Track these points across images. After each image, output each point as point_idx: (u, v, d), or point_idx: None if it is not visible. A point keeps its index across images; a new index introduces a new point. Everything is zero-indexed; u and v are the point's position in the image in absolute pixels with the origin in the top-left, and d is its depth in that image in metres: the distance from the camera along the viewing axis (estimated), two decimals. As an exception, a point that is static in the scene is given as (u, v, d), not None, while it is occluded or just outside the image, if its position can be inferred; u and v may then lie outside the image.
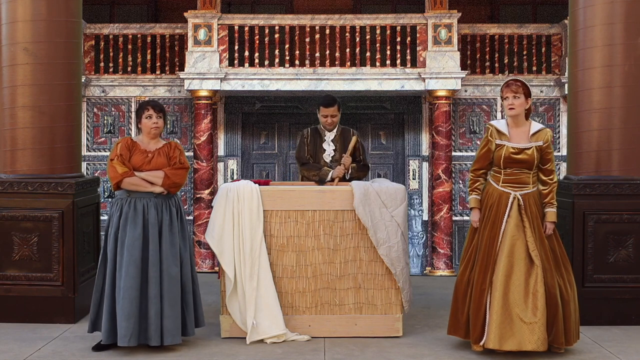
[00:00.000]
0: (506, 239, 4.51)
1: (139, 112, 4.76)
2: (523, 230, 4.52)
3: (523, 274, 4.44)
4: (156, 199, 4.67)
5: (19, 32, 5.47)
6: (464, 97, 13.83)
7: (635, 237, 5.38)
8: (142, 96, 13.78)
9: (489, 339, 4.42)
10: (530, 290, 4.43)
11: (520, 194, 4.58)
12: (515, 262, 4.46)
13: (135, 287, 4.51)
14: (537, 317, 4.37)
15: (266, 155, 14.55)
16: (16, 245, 5.41)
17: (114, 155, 4.67)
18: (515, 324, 4.39)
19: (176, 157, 4.77)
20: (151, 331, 4.54)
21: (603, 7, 5.44)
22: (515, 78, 4.71)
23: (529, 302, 4.41)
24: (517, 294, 4.42)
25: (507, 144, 4.62)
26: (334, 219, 4.98)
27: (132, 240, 4.55)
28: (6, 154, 5.56)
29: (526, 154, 4.57)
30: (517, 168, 4.61)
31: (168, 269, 4.61)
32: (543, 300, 4.40)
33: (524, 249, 4.49)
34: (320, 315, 4.99)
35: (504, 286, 4.43)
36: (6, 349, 4.73)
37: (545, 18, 14.88)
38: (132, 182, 4.62)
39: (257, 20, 13.39)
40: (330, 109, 5.73)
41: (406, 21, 13.35)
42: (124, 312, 4.48)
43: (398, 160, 14.45)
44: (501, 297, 4.42)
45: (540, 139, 4.60)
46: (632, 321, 5.34)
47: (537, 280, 4.42)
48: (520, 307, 4.40)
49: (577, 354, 4.61)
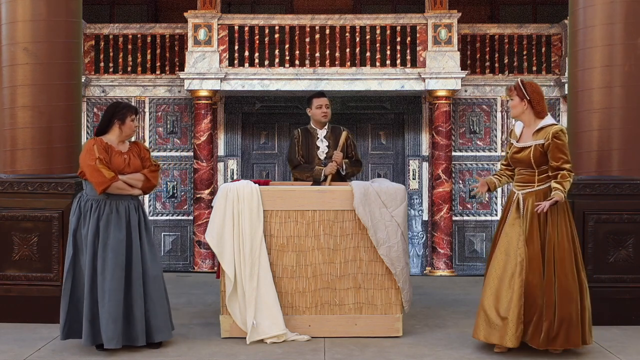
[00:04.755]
0: (503, 237, 4.60)
1: (123, 113, 4.67)
2: (519, 228, 4.54)
3: (500, 269, 4.53)
4: (134, 201, 4.69)
5: (19, 32, 5.47)
6: (464, 97, 13.83)
7: (635, 237, 5.38)
8: (142, 96, 13.78)
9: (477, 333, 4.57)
10: (507, 286, 4.49)
11: (522, 192, 4.60)
12: (508, 260, 4.52)
13: (120, 290, 4.50)
14: (510, 313, 4.43)
15: (266, 155, 14.55)
16: (16, 245, 5.40)
17: (94, 159, 4.55)
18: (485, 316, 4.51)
19: (149, 158, 4.79)
20: (137, 332, 4.55)
21: (603, 7, 5.44)
22: (518, 80, 4.69)
23: (502, 298, 4.48)
24: (502, 290, 4.50)
25: (514, 143, 4.69)
26: (334, 219, 4.98)
27: (117, 243, 4.53)
28: (6, 154, 5.56)
29: (523, 153, 4.59)
30: (521, 167, 4.65)
31: (150, 269, 4.63)
32: (518, 297, 4.43)
33: (514, 246, 4.52)
34: (320, 315, 4.98)
35: (496, 282, 4.52)
36: (6, 349, 4.72)
37: (545, 18, 14.88)
38: (118, 186, 4.59)
39: (257, 20, 13.39)
40: (324, 98, 5.92)
41: (406, 21, 13.35)
42: (110, 315, 4.46)
43: (398, 160, 14.45)
44: (492, 294, 4.51)
45: (541, 137, 4.55)
46: (632, 321, 5.34)
47: (514, 277, 4.46)
48: (501, 303, 4.47)
49: (577, 354, 4.60)
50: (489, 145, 13.92)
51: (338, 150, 5.72)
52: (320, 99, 5.90)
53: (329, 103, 5.92)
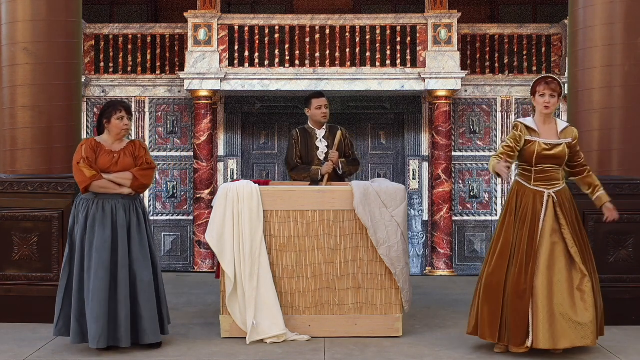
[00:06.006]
0: (544, 239, 4.47)
1: (109, 112, 4.65)
2: (560, 228, 4.49)
3: (565, 273, 4.42)
4: (124, 201, 4.63)
5: (19, 32, 5.47)
6: (464, 97, 13.83)
7: (635, 237, 5.38)
8: (142, 96, 13.79)
9: (538, 339, 4.35)
10: (575, 289, 4.40)
11: (554, 191, 4.56)
12: (557, 262, 4.42)
13: (104, 289, 4.48)
14: (588, 315, 4.36)
15: (266, 155, 14.55)
16: (16, 245, 5.40)
17: (79, 158, 4.56)
18: (563, 323, 4.35)
19: (142, 156, 4.71)
20: (121, 333, 4.52)
21: (603, 7, 5.44)
22: (552, 76, 4.65)
23: (576, 301, 4.38)
24: (561, 294, 4.38)
25: (539, 140, 4.58)
26: (334, 219, 4.98)
27: (102, 242, 4.51)
28: (6, 154, 5.55)
29: (558, 150, 4.57)
30: (548, 164, 4.57)
31: (140, 271, 4.58)
32: (592, 296, 4.39)
33: (563, 247, 4.46)
34: (320, 315, 4.98)
35: (547, 289, 4.38)
36: (6, 349, 4.72)
37: (545, 18, 14.88)
38: (100, 185, 4.56)
39: (257, 20, 13.39)
40: (323, 98, 5.90)
41: (406, 21, 13.35)
42: (93, 314, 4.46)
43: (398, 160, 14.45)
44: (546, 299, 4.37)
45: (568, 136, 4.62)
46: (632, 321, 5.34)
47: (581, 278, 4.41)
48: (566, 307, 4.36)
49: (577, 354, 4.60)
50: (489, 145, 13.93)
51: (333, 149, 5.72)
52: (319, 99, 5.89)
53: (327, 103, 5.92)
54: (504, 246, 4.55)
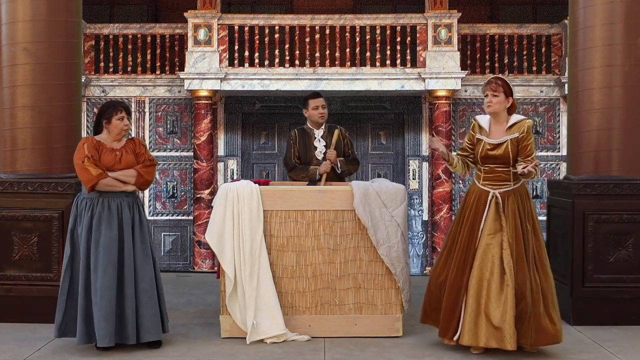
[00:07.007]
0: (482, 240, 4.52)
1: (109, 113, 4.66)
2: (500, 230, 4.51)
3: (496, 275, 4.44)
4: (127, 198, 4.66)
5: (19, 32, 5.47)
6: (464, 97, 13.83)
7: (635, 237, 5.38)
8: (142, 96, 13.79)
9: (463, 336, 4.47)
10: (503, 292, 4.42)
11: (500, 192, 4.57)
12: (488, 263, 4.46)
13: (112, 288, 4.50)
14: (507, 318, 4.36)
15: (266, 155, 14.55)
16: (16, 245, 5.41)
17: (83, 157, 4.57)
18: (485, 323, 4.41)
19: (143, 153, 4.74)
20: (128, 330, 4.55)
21: (603, 7, 5.43)
22: (497, 76, 4.67)
23: (500, 303, 4.40)
24: (487, 294, 4.43)
25: (485, 140, 4.63)
26: (334, 219, 4.98)
27: (109, 241, 4.53)
28: (6, 154, 5.55)
29: (500, 149, 4.56)
30: (493, 164, 4.60)
31: (142, 267, 4.61)
32: (512, 300, 4.38)
33: (498, 249, 4.47)
34: (320, 315, 4.98)
35: (477, 288, 4.45)
36: (6, 349, 4.73)
37: (545, 18, 14.88)
38: (107, 183, 4.58)
39: (257, 20, 13.39)
40: (320, 99, 5.89)
41: (406, 21, 13.35)
42: (102, 313, 4.47)
43: (398, 160, 14.45)
44: (473, 298, 4.44)
45: (515, 131, 4.57)
46: (632, 321, 5.34)
47: (507, 282, 4.41)
48: (489, 307, 4.40)
49: (577, 354, 4.60)
50: (489, 145, 13.91)
51: (331, 148, 5.72)
52: (316, 99, 5.88)
53: (325, 103, 5.91)
54: (450, 244, 4.68)
